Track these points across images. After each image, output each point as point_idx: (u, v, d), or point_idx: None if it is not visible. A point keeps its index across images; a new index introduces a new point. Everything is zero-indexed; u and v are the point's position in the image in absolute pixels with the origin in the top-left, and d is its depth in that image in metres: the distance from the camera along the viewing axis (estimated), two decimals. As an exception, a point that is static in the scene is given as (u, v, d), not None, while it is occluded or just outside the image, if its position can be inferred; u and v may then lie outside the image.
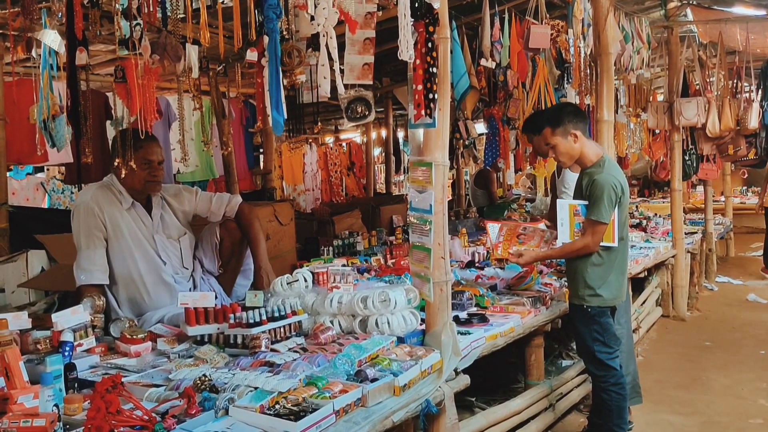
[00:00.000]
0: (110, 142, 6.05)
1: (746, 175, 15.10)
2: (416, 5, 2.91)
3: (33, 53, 2.34)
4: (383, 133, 11.54)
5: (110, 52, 5.76)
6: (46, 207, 8.20)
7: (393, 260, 5.38)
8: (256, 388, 2.49)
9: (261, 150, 8.08)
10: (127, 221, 3.77)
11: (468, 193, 10.25)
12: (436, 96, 2.99)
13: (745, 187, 15.55)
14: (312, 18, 2.42)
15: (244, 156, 7.87)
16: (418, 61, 3.00)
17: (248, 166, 7.98)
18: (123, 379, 2.44)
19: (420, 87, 3.00)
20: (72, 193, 8.35)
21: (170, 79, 6.77)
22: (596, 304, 3.77)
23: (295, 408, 2.37)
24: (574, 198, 3.98)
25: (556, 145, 3.84)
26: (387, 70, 8.38)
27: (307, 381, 2.56)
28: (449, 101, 3.18)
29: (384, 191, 11.67)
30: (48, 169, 8.65)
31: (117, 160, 3.40)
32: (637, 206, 10.95)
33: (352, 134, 13.35)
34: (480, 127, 8.32)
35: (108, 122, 5.95)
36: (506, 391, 4.59)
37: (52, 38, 2.28)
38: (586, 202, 3.76)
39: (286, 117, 2.52)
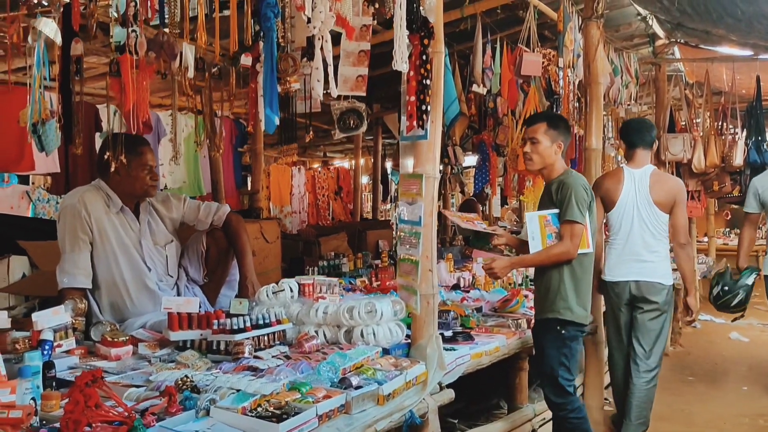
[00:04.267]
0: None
1: (729, 216, 15.25)
2: (412, 18, 2.95)
3: (29, 39, 2.33)
4: (371, 161, 11.58)
5: (103, 65, 5.77)
6: (30, 216, 8.13)
7: (378, 282, 5.35)
8: (238, 391, 2.45)
9: (249, 170, 8.08)
10: (115, 225, 3.73)
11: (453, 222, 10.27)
12: (428, 108, 3.01)
13: (728, 229, 15.69)
14: (309, 20, 2.43)
15: (233, 175, 7.86)
16: (411, 73, 3.03)
17: (236, 185, 7.96)
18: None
19: (413, 98, 3.02)
20: (57, 203, 8.28)
21: (163, 95, 6.81)
22: (569, 318, 3.63)
23: (277, 411, 2.33)
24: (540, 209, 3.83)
25: (539, 143, 3.75)
26: (378, 95, 8.43)
27: (290, 386, 2.53)
28: (441, 115, 3.19)
29: (371, 218, 11.67)
30: (33, 182, 8.59)
31: (114, 164, 3.39)
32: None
33: (339, 162, 13.40)
34: (469, 160, 8.38)
35: (97, 134, 5.94)
36: (488, 417, 4.55)
37: (49, 27, 2.28)
38: (556, 211, 3.67)
39: (279, 115, 2.53)
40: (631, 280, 4.38)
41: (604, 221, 4.63)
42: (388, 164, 12.37)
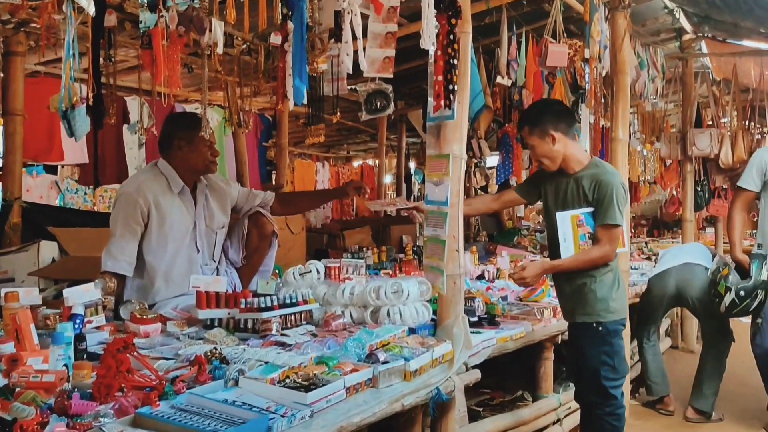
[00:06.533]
0: (126, 146, 6.17)
1: (756, 218, 15.05)
2: (439, -3, 2.96)
3: (64, 8, 2.36)
4: (394, 162, 11.58)
5: (132, 58, 5.84)
6: (58, 205, 8.24)
7: (402, 275, 5.35)
8: (266, 363, 2.46)
9: (274, 164, 8.13)
10: (174, 207, 3.78)
11: (477, 218, 10.24)
12: (455, 87, 3.01)
13: (755, 231, 15.48)
14: (338, -6, 2.45)
15: (257, 169, 7.89)
16: (439, 53, 3.04)
17: (261, 179, 8.00)
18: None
19: (440, 78, 3.03)
20: (85, 194, 8.40)
21: (190, 90, 6.88)
22: (611, 319, 3.40)
23: (305, 382, 2.34)
24: (566, 208, 3.50)
25: (534, 146, 3.49)
26: (403, 92, 8.44)
27: (317, 360, 2.55)
28: (468, 95, 3.20)
29: (394, 215, 11.65)
30: (63, 167, 8.69)
31: (177, 142, 3.63)
32: (646, 243, 10.94)
33: (362, 161, 13.42)
34: (491, 160, 8.35)
35: (125, 126, 6.02)
36: (513, 408, 4.53)
37: (84, -1, 2.32)
38: (589, 210, 3.40)
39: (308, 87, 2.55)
40: None
41: None
42: (412, 164, 12.37)
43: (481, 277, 5.40)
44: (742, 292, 4.66)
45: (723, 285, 4.74)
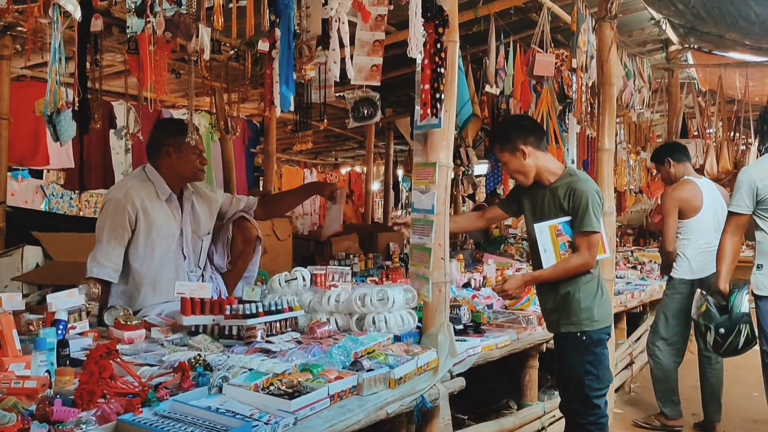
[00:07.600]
0: (112, 151, 6.14)
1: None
2: (427, 6, 2.97)
3: (50, 12, 2.35)
4: (382, 169, 11.59)
5: (119, 63, 5.82)
6: (43, 210, 8.19)
7: (389, 282, 5.35)
8: (250, 370, 2.46)
9: (261, 171, 8.12)
10: (161, 213, 3.77)
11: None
12: (442, 96, 3.02)
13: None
14: (325, 2, 2.46)
15: (245, 175, 7.88)
16: (426, 61, 3.04)
17: (248, 185, 7.98)
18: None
19: (427, 86, 3.04)
20: (71, 198, 8.35)
21: (178, 95, 6.86)
22: (596, 328, 3.38)
23: (289, 390, 2.34)
24: (543, 219, 3.48)
25: (506, 163, 3.50)
26: (391, 100, 8.46)
27: (302, 367, 2.54)
28: (455, 103, 3.21)
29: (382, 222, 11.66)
30: (48, 172, 8.64)
31: (166, 148, 3.62)
32: (632, 252, 11.00)
33: (350, 168, 13.43)
34: (479, 168, 8.36)
35: (111, 131, 5.99)
36: (498, 416, 4.54)
37: (71, 3, 2.31)
38: (566, 219, 3.38)
39: (295, 94, 2.56)
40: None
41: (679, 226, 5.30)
42: (399, 171, 12.38)
43: (467, 285, 5.41)
44: (722, 330, 4.14)
45: (702, 323, 4.29)
